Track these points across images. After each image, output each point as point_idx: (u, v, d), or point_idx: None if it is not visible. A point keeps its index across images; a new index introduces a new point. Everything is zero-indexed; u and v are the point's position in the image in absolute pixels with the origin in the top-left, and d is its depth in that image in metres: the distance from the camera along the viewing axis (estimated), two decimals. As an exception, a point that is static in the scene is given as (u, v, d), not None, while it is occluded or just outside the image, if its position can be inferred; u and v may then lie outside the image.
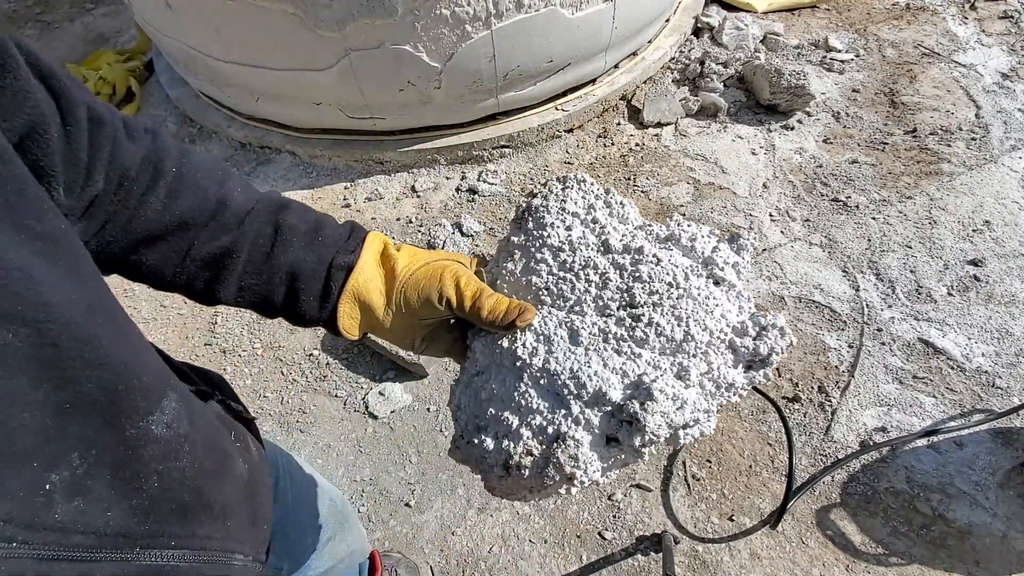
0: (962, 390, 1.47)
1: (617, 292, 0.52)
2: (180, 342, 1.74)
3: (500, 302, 0.50)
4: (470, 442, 0.52)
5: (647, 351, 0.50)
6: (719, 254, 0.55)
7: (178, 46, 2.07)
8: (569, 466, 0.47)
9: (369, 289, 0.50)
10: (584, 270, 0.52)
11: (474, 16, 1.73)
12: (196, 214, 0.46)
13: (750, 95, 2.25)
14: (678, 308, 0.51)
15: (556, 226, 0.54)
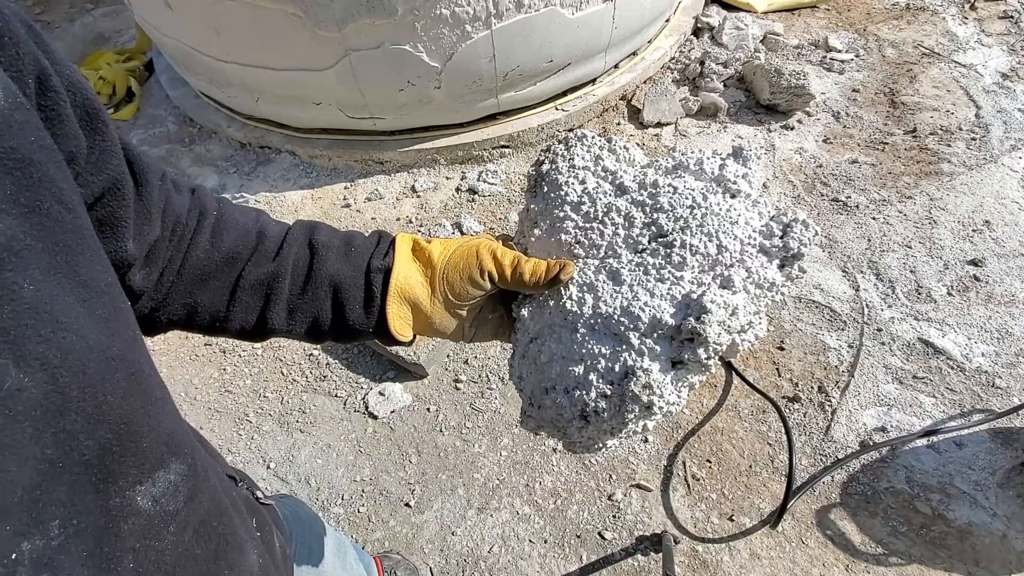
0: (962, 390, 1.47)
1: (644, 227, 0.54)
2: (180, 342, 1.74)
3: (539, 264, 0.52)
4: (541, 406, 0.54)
5: (688, 272, 0.52)
6: (728, 170, 0.57)
7: (178, 46, 2.07)
8: (645, 395, 0.49)
9: (411, 284, 0.52)
10: (608, 215, 0.54)
11: (474, 16, 1.74)
12: (240, 247, 0.49)
13: (750, 95, 2.25)
14: (705, 226, 0.53)
15: (570, 183, 0.56)
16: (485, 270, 0.51)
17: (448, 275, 0.52)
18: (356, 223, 2.01)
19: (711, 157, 0.58)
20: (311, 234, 0.52)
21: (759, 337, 0.52)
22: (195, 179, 2.21)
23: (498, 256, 0.52)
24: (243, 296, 0.49)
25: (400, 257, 0.52)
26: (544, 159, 0.59)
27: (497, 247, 0.53)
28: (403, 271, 0.52)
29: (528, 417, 0.56)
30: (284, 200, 2.10)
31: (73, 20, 3.10)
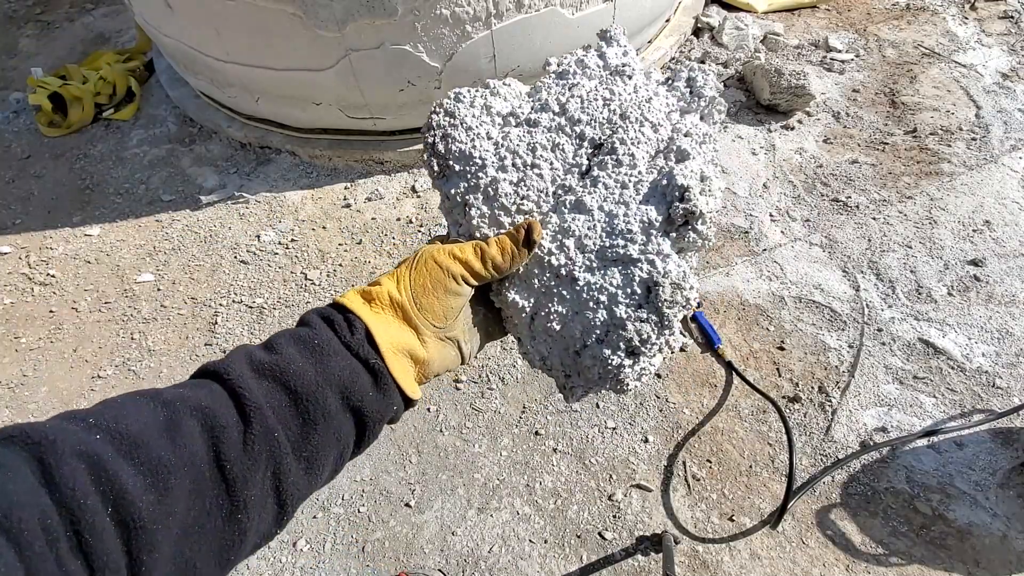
0: (962, 390, 1.47)
1: (576, 147, 0.52)
2: (180, 342, 1.74)
3: (502, 239, 0.48)
4: (581, 370, 0.51)
5: (641, 164, 0.51)
6: (608, 57, 0.56)
7: (178, 46, 2.07)
8: (679, 295, 0.48)
9: (395, 333, 0.45)
10: (535, 154, 0.51)
11: (474, 16, 1.74)
12: (190, 452, 0.35)
13: (750, 95, 2.25)
14: (629, 116, 0.52)
15: (478, 145, 0.52)
16: (454, 274, 0.46)
17: (421, 302, 0.46)
18: (356, 223, 2.01)
19: (585, 52, 0.57)
20: (257, 368, 0.40)
21: (722, 190, 0.52)
22: (195, 179, 2.21)
23: (458, 254, 0.47)
24: (250, 508, 0.36)
25: (364, 313, 0.44)
26: (433, 138, 0.53)
27: (450, 247, 0.48)
28: (379, 325, 0.44)
29: (573, 388, 0.53)
30: (284, 200, 2.10)
31: (73, 20, 3.10)
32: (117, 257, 1.99)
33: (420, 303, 0.46)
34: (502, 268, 0.48)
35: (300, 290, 1.83)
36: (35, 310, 1.86)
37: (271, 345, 0.42)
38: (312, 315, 0.45)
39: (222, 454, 0.35)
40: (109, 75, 2.49)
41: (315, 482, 0.41)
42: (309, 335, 0.43)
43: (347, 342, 0.43)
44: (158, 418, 0.35)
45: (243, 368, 0.39)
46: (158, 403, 0.36)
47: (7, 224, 2.13)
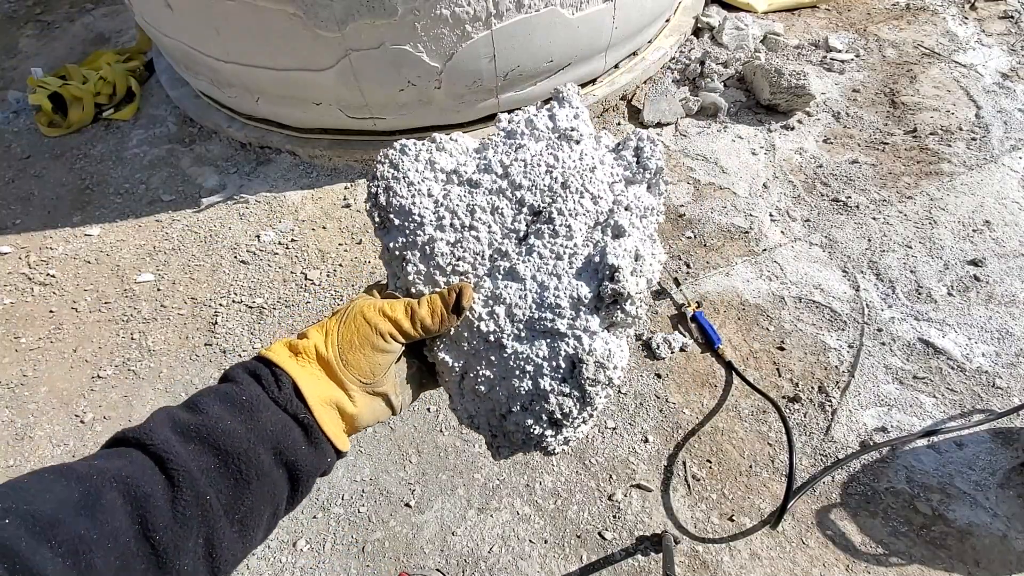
0: (962, 390, 1.47)
1: (515, 212, 0.51)
2: (180, 342, 1.74)
3: (433, 299, 0.48)
4: (506, 433, 0.51)
5: (577, 237, 0.50)
6: (559, 118, 0.55)
7: (178, 46, 2.07)
8: (602, 373, 0.49)
9: (323, 387, 0.44)
10: (475, 217, 0.51)
11: (474, 16, 1.73)
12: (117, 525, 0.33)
13: (750, 95, 2.25)
14: (570, 186, 0.51)
15: (418, 202, 0.52)
16: (382, 332, 0.45)
17: (347, 358, 0.45)
18: (356, 223, 2.01)
19: (536, 112, 0.56)
20: (182, 430, 0.38)
21: (662, 263, 0.52)
22: (195, 179, 2.21)
23: (388, 312, 0.46)
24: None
25: (291, 367, 0.43)
26: (376, 189, 0.53)
27: (381, 304, 0.47)
28: (306, 379, 0.43)
29: (499, 448, 0.53)
30: (284, 200, 2.10)
31: (73, 20, 3.10)
32: (117, 257, 1.99)
33: (347, 359, 0.45)
34: (431, 330, 0.47)
35: (300, 290, 1.83)
36: (35, 310, 1.86)
37: (194, 405, 0.40)
38: (237, 370, 0.44)
39: (149, 524, 0.33)
40: (109, 75, 2.49)
41: (249, 544, 0.39)
42: (235, 392, 0.41)
43: (275, 397, 0.42)
44: (73, 495, 0.32)
45: (166, 432, 0.37)
46: (71, 479, 0.33)
47: (7, 224, 2.13)
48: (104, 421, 1.59)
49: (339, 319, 0.46)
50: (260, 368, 0.43)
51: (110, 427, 1.57)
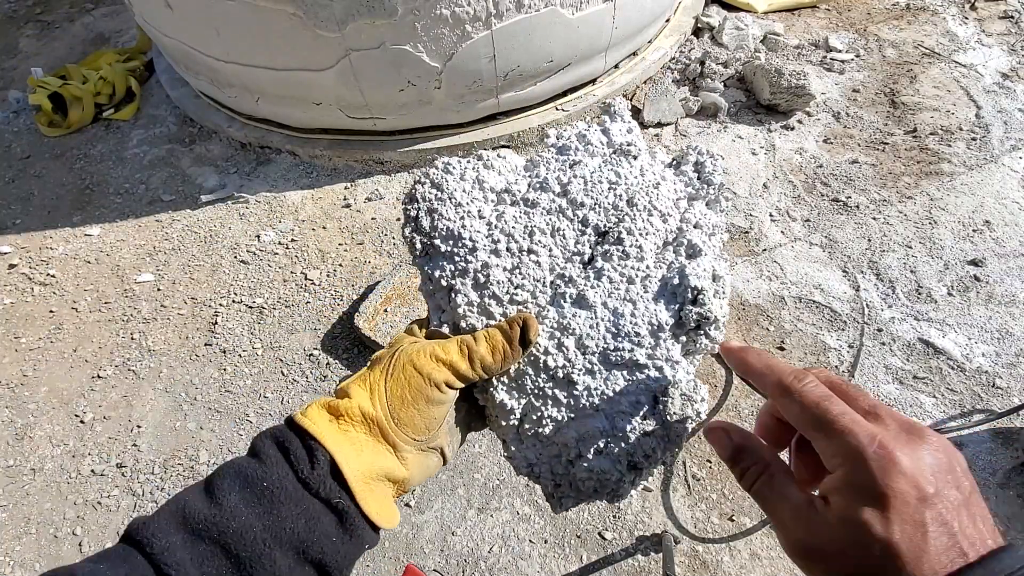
0: (962, 390, 1.47)
1: (579, 233, 0.47)
2: (180, 342, 1.74)
3: (492, 335, 0.42)
4: (574, 482, 0.46)
5: (649, 258, 0.46)
6: (613, 133, 0.51)
7: (178, 46, 2.07)
8: (689, 407, 0.44)
9: (368, 459, 0.38)
10: (534, 239, 0.46)
11: (474, 16, 1.73)
12: None
13: (750, 95, 2.25)
14: (636, 203, 0.47)
15: (468, 224, 0.46)
16: (437, 382, 0.40)
17: (399, 416, 0.40)
18: (357, 223, 2.01)
19: (588, 127, 0.52)
20: (193, 527, 0.34)
21: (731, 288, 0.49)
22: (195, 179, 2.21)
23: (441, 356, 0.41)
24: None
25: (330, 437, 0.38)
26: (417, 211, 0.47)
27: (431, 347, 0.41)
28: (348, 451, 0.38)
29: (562, 499, 0.47)
30: (284, 200, 2.10)
31: (73, 20, 3.10)
32: (117, 257, 1.99)
33: (398, 417, 0.40)
34: (492, 369, 0.42)
35: (300, 290, 1.83)
36: (35, 310, 1.86)
37: (212, 489, 0.35)
38: (265, 442, 0.38)
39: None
40: (109, 75, 2.49)
41: None
42: (258, 474, 0.36)
43: (305, 477, 0.36)
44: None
45: (172, 533, 0.34)
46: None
47: (7, 224, 2.13)
48: (104, 421, 1.59)
49: (384, 370, 0.41)
50: (291, 440, 0.38)
51: (110, 427, 1.57)
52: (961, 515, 0.29)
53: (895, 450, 0.30)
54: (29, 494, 1.47)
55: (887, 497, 0.29)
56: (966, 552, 0.28)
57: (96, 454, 1.53)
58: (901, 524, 0.28)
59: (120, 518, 1.42)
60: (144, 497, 1.44)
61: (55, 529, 1.41)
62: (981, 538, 0.28)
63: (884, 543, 0.28)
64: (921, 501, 0.29)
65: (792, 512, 0.33)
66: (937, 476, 0.30)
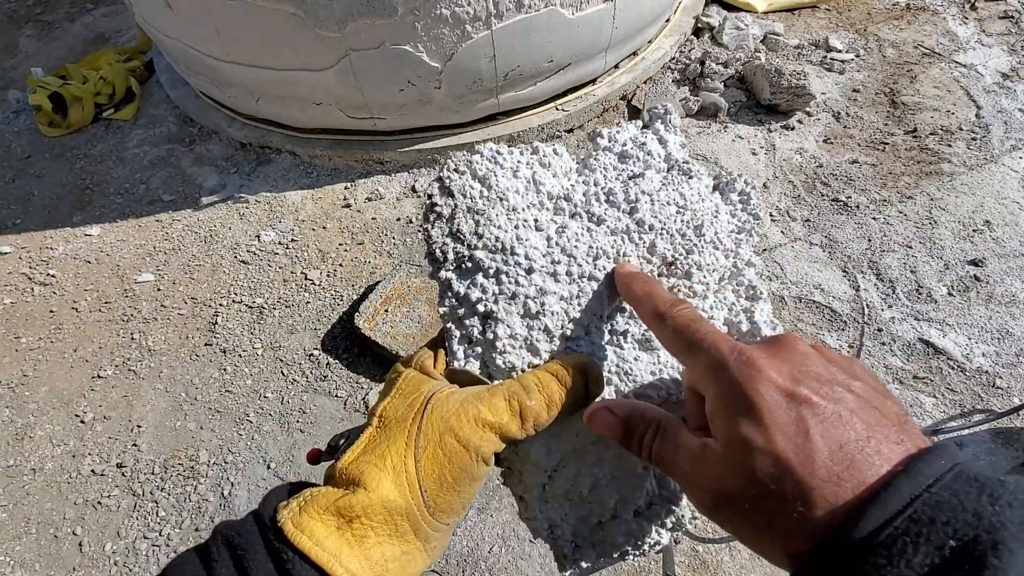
0: (962, 390, 1.47)
1: (642, 259, 0.40)
2: (180, 342, 1.74)
3: (546, 386, 0.34)
4: (599, 543, 0.39)
5: (712, 296, 0.40)
6: (670, 146, 0.45)
7: (178, 46, 2.07)
8: None
9: (393, 570, 0.30)
10: (595, 263, 0.39)
11: (474, 16, 1.73)
12: None
13: (750, 95, 2.25)
14: (704, 233, 0.41)
15: (523, 238, 0.38)
16: (486, 457, 0.32)
17: (436, 503, 0.31)
18: (357, 223, 2.01)
19: (643, 134, 0.46)
20: None
21: None
22: (195, 179, 2.21)
23: (490, 419, 0.32)
24: None
25: (340, 561, 0.27)
26: (452, 210, 0.39)
27: (473, 406, 0.32)
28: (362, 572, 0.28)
29: (578, 561, 0.40)
30: (284, 200, 2.10)
31: (73, 20, 3.10)
32: (117, 257, 1.99)
33: (435, 505, 0.31)
34: (544, 427, 0.34)
35: (300, 290, 1.83)
36: (35, 310, 1.86)
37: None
38: (254, 558, 0.27)
39: None
40: (109, 75, 2.49)
41: None
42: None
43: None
44: None
45: None
46: None
47: (7, 224, 2.13)
48: (104, 421, 1.59)
49: (410, 440, 0.31)
50: (282, 554, 0.27)
51: (110, 427, 1.57)
52: (849, 405, 0.25)
53: (756, 355, 0.27)
54: (29, 494, 1.47)
55: (756, 404, 0.26)
56: (868, 447, 0.24)
57: (96, 454, 1.53)
58: (780, 431, 0.25)
59: (120, 518, 1.42)
60: (144, 497, 1.44)
61: (55, 529, 1.41)
62: (888, 431, 0.25)
63: (771, 455, 0.25)
64: (792, 399, 0.26)
65: (690, 461, 0.29)
66: (807, 373, 0.27)
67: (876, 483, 0.23)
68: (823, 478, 0.24)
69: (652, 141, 0.45)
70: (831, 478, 0.23)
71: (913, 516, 0.21)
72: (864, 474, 0.23)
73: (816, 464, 0.24)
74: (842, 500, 0.23)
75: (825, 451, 0.24)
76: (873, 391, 0.27)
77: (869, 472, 0.23)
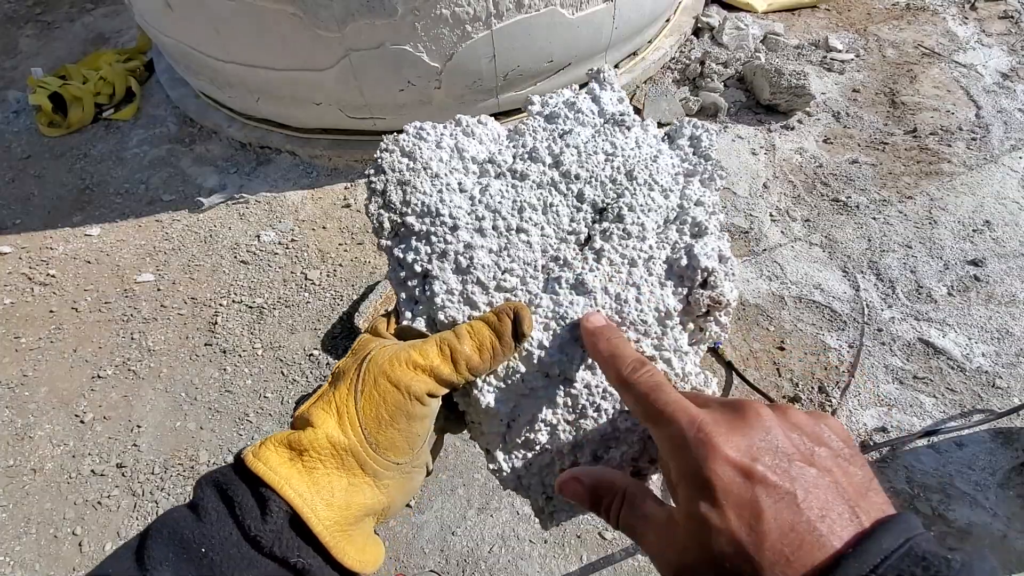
0: (962, 390, 1.47)
1: (574, 210, 0.42)
2: (180, 342, 1.74)
3: (477, 329, 0.36)
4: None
5: (651, 237, 0.41)
6: (604, 101, 0.46)
7: (178, 46, 2.07)
8: None
9: (343, 498, 0.33)
10: (523, 215, 0.41)
11: (474, 16, 1.73)
12: None
13: (750, 95, 2.25)
14: (635, 176, 0.42)
15: (446, 200, 0.41)
16: (418, 395, 0.34)
17: (377, 440, 0.34)
18: (356, 223, 2.01)
19: (575, 94, 0.47)
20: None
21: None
22: (195, 179, 2.21)
23: (420, 361, 0.35)
24: None
25: (288, 484, 0.31)
26: (384, 185, 0.42)
27: (406, 352, 0.35)
28: (313, 496, 0.31)
29: (553, 513, 0.41)
30: (284, 200, 2.10)
31: (73, 20, 3.10)
32: (117, 257, 1.99)
33: (376, 441, 0.34)
34: (479, 370, 0.36)
35: (300, 290, 1.83)
36: (35, 310, 1.86)
37: (143, 557, 0.29)
38: (206, 491, 0.31)
39: None
40: (109, 75, 2.49)
41: None
42: (196, 536, 0.30)
43: (256, 535, 0.30)
44: None
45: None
46: None
47: (7, 224, 2.13)
48: (104, 421, 1.59)
49: (352, 387, 0.35)
50: (237, 488, 0.31)
51: (110, 427, 1.57)
52: (806, 484, 0.26)
53: (713, 432, 0.27)
54: (29, 494, 1.47)
55: (712, 484, 0.26)
56: (818, 528, 0.24)
57: (96, 454, 1.53)
58: (734, 511, 0.25)
59: (120, 518, 1.42)
60: (144, 497, 1.44)
61: (55, 529, 1.41)
62: (841, 511, 0.25)
63: (724, 534, 0.25)
64: (748, 478, 0.26)
65: (655, 531, 0.30)
66: (765, 450, 0.27)
67: (823, 562, 0.23)
68: (772, 560, 0.24)
69: (584, 100, 0.47)
70: (780, 560, 0.24)
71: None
72: (813, 555, 0.24)
73: (766, 546, 0.25)
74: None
75: (776, 533, 0.25)
76: (835, 459, 0.27)
77: (819, 553, 0.24)
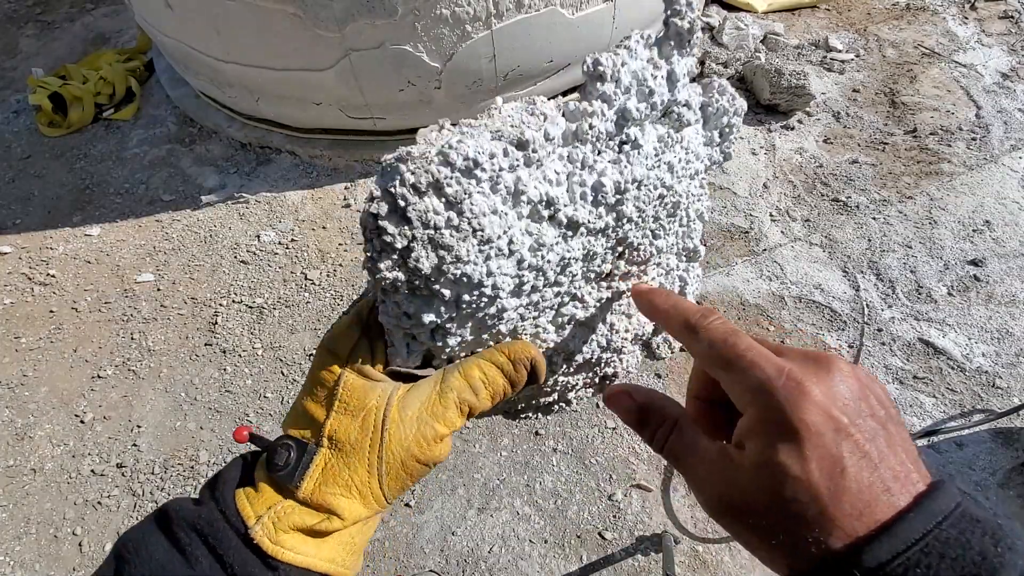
0: (962, 390, 1.47)
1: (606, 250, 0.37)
2: (180, 342, 1.74)
3: (492, 382, 0.35)
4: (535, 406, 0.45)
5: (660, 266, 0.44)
6: (678, 77, 0.35)
7: (178, 46, 2.07)
8: None
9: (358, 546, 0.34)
10: (561, 271, 0.35)
11: (474, 16, 1.73)
12: None
13: (750, 95, 2.25)
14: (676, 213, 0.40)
15: (495, 268, 0.32)
16: (437, 460, 0.35)
17: (391, 499, 0.35)
18: (357, 223, 2.01)
19: (649, 66, 0.34)
20: None
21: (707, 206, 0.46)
22: (195, 179, 2.21)
23: (446, 432, 0.34)
24: None
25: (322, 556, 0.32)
26: (411, 242, 0.29)
27: (432, 426, 0.33)
28: (345, 559, 0.33)
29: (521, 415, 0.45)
30: (284, 200, 2.10)
31: (73, 20, 3.10)
32: (117, 257, 1.99)
33: (392, 498, 0.35)
34: (485, 413, 0.37)
35: (300, 290, 1.83)
36: (35, 310, 1.86)
37: None
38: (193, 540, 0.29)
39: None
40: (109, 75, 2.49)
41: None
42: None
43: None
44: None
45: None
46: None
47: (7, 224, 2.13)
48: (104, 421, 1.59)
49: (371, 470, 0.32)
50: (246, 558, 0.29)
51: (110, 427, 1.57)
52: (880, 445, 0.26)
53: (805, 380, 0.27)
54: (29, 494, 1.47)
55: (801, 432, 0.26)
56: (890, 488, 0.25)
57: (96, 454, 1.53)
58: (818, 460, 0.26)
59: (120, 518, 1.42)
60: (144, 497, 1.44)
61: (55, 529, 1.41)
62: (906, 472, 0.26)
63: (802, 483, 0.26)
64: (837, 432, 0.26)
65: (706, 465, 0.30)
66: (850, 405, 0.27)
67: (891, 518, 0.25)
68: (846, 512, 0.25)
69: (658, 78, 0.34)
70: (853, 514, 0.25)
71: (924, 550, 0.23)
72: (883, 512, 0.25)
73: (844, 500, 0.25)
74: (859, 532, 0.25)
75: (855, 488, 0.25)
76: (894, 421, 0.28)
77: (887, 510, 0.25)
